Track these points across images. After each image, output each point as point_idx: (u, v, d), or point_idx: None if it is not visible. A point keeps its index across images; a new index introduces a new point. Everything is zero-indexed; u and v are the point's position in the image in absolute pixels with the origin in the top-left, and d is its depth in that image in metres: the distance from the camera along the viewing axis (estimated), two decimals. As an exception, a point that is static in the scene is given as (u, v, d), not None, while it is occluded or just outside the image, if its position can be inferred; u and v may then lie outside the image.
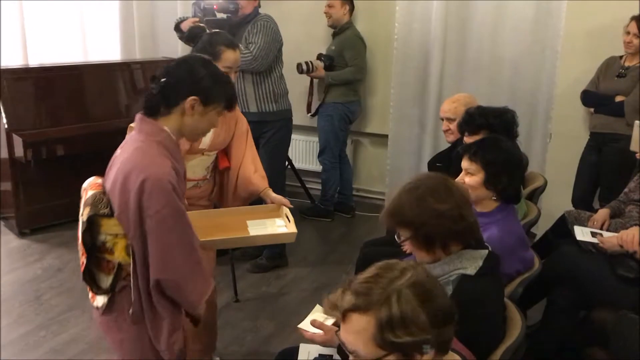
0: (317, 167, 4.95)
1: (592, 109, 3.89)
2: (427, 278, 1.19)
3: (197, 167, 2.44)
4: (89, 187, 1.78)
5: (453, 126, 3.20)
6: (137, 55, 5.20)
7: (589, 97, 3.84)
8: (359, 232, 4.44)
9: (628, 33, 3.61)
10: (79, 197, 1.80)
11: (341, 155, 4.73)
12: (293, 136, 4.05)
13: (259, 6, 3.64)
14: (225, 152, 2.54)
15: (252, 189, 2.48)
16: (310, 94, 4.64)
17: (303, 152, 5.21)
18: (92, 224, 1.69)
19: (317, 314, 1.93)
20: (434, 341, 1.14)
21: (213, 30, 2.86)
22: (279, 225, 2.31)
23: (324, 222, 4.67)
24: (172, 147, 1.75)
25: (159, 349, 1.79)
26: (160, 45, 5.25)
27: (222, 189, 2.61)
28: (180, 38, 3.54)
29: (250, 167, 2.50)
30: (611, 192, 3.45)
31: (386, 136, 4.76)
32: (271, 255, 3.85)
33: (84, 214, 1.69)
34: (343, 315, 1.16)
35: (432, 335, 1.13)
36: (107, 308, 1.74)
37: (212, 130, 2.02)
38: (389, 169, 4.79)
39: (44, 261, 3.91)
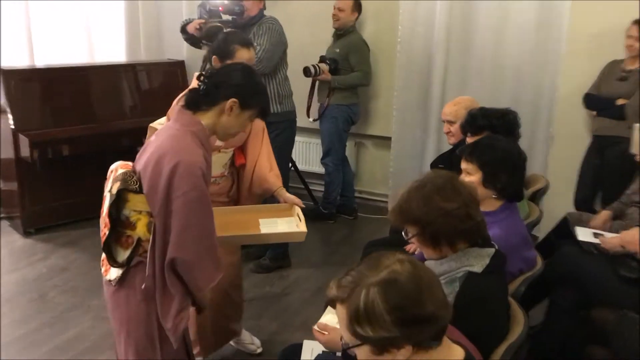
0: (318, 169, 4.98)
1: (594, 112, 3.91)
2: (407, 277, 1.19)
3: (215, 164, 2.47)
4: (118, 167, 1.91)
5: (454, 128, 3.23)
6: (143, 56, 5.24)
7: (591, 100, 3.87)
8: (361, 234, 4.46)
9: (630, 37, 3.64)
10: (83, 197, 1.87)
11: (343, 157, 4.75)
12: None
13: (264, 8, 3.68)
14: (241, 149, 2.60)
15: (267, 187, 2.54)
16: (310, 97, 4.66)
17: (304, 154, 5.23)
18: (119, 199, 1.80)
19: (329, 315, 1.96)
20: (406, 339, 1.17)
21: (229, 30, 2.90)
22: (290, 224, 2.37)
23: (327, 223, 4.69)
24: (205, 139, 1.90)
25: (166, 326, 1.87)
26: (165, 46, 5.28)
27: (237, 186, 2.66)
28: (186, 40, 3.58)
29: (266, 165, 2.57)
30: (613, 195, 3.46)
31: (389, 138, 4.79)
32: (274, 256, 3.87)
33: (112, 188, 1.80)
34: (331, 303, 1.24)
35: (400, 334, 1.16)
36: (120, 281, 1.85)
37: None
38: (392, 171, 4.82)
39: (48, 260, 3.93)
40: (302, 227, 2.32)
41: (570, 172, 4.00)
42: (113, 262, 1.84)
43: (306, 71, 4.33)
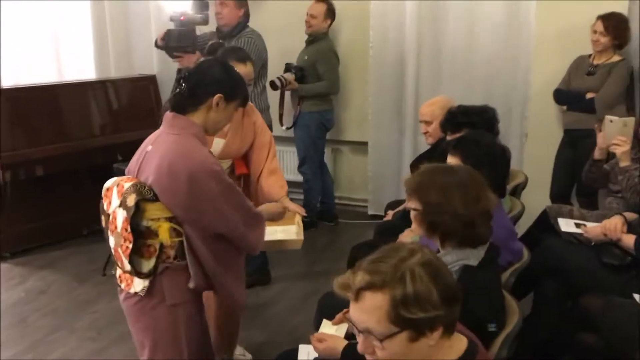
0: (296, 177, 4.96)
1: (564, 107, 4.00)
2: (434, 258, 1.23)
3: None
4: (118, 181, 1.94)
5: (431, 128, 3.27)
6: (112, 73, 5.18)
7: (561, 96, 3.95)
8: (343, 240, 4.46)
9: (595, 32, 3.73)
10: (59, 218, 1.86)
11: (321, 164, 4.76)
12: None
13: (246, 17, 3.64)
14: (243, 159, 2.69)
15: (270, 198, 2.61)
16: (281, 105, 4.64)
17: (280, 163, 5.18)
18: (136, 212, 1.84)
19: (327, 327, 1.97)
20: (444, 318, 1.18)
21: (230, 46, 2.93)
22: (288, 232, 2.46)
23: (309, 231, 4.66)
24: (203, 139, 1.99)
25: (233, 302, 2.10)
26: (135, 61, 5.22)
27: None
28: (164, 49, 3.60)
29: (270, 177, 2.65)
30: (587, 187, 3.55)
31: (366, 143, 4.81)
32: (250, 271, 3.74)
33: (127, 201, 1.83)
34: (356, 294, 1.19)
35: (443, 312, 1.17)
36: (148, 291, 1.90)
37: (223, 141, 2.30)
38: (370, 175, 4.85)
39: (26, 284, 3.84)
40: (299, 235, 2.42)
41: (545, 168, 4.07)
42: (139, 274, 1.88)
43: (272, 85, 4.28)
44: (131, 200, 1.82)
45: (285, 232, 2.44)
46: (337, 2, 4.48)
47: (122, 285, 1.97)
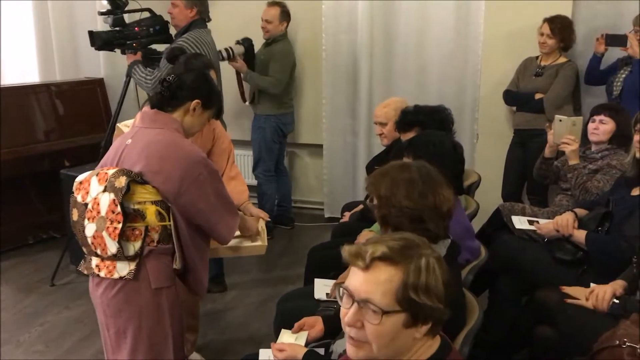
0: (251, 180, 4.90)
1: (514, 108, 4.10)
2: (442, 259, 1.26)
3: None
4: (97, 172, 1.97)
5: (386, 130, 3.29)
6: (58, 76, 5.00)
7: (510, 97, 4.05)
8: (300, 243, 4.43)
9: (542, 34, 3.83)
10: (2, 227, 1.80)
11: (279, 167, 4.70)
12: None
13: (201, 18, 3.56)
14: None
15: None
16: (240, 83, 4.51)
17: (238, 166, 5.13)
18: (126, 193, 1.89)
19: (286, 336, 1.95)
20: (438, 315, 1.20)
21: (192, 53, 2.89)
22: (253, 238, 2.51)
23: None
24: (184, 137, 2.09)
25: (200, 288, 2.16)
26: (82, 64, 5.06)
27: None
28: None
29: (230, 183, 2.63)
30: (538, 185, 3.65)
31: (321, 146, 4.80)
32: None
33: (117, 183, 1.89)
34: (369, 262, 1.19)
35: (441, 308, 1.19)
36: (135, 274, 1.94)
37: None
38: (326, 178, 4.84)
39: (-33, 298, 3.65)
40: (263, 241, 2.48)
41: (497, 168, 4.15)
42: (126, 257, 1.93)
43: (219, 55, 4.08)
44: (121, 182, 1.89)
45: (246, 239, 2.47)
46: (291, 3, 4.46)
47: (102, 274, 1.97)
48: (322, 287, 2.44)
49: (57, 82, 4.80)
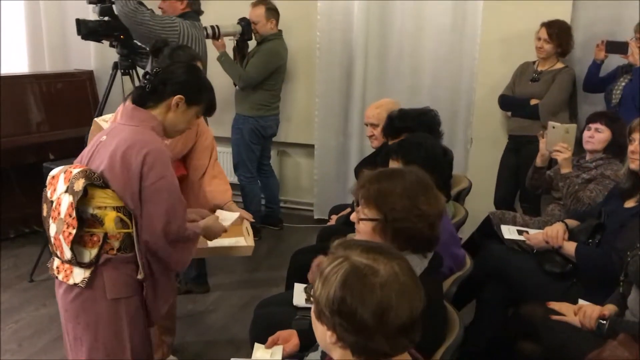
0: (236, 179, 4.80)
1: (509, 113, 4.02)
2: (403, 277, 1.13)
3: None
4: (66, 168, 1.87)
5: (377, 132, 3.20)
6: (47, 67, 4.91)
7: (506, 102, 3.97)
8: (287, 244, 4.34)
9: (539, 39, 3.75)
10: None
11: (264, 169, 4.59)
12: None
13: (193, 8, 3.46)
14: (182, 160, 2.60)
15: (216, 202, 2.55)
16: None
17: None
18: (83, 197, 1.79)
19: (260, 352, 1.87)
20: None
21: (175, 45, 2.77)
22: (237, 239, 2.43)
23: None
24: (161, 135, 1.97)
25: (156, 310, 1.99)
26: (72, 56, 4.97)
27: None
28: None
29: (213, 182, 2.58)
30: (530, 192, 3.57)
31: (312, 146, 4.72)
32: (185, 278, 3.54)
33: (75, 185, 1.78)
34: None
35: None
36: (89, 282, 1.84)
37: (166, 142, 2.13)
38: (317, 178, 4.76)
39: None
40: (249, 242, 2.39)
41: (490, 173, 4.08)
42: (80, 263, 1.82)
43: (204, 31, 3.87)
44: (79, 185, 1.78)
45: (233, 239, 2.39)
46: (285, 2, 4.36)
47: (60, 277, 1.89)
48: (301, 293, 2.36)
49: (45, 73, 4.72)
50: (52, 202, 1.86)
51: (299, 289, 2.39)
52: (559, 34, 3.70)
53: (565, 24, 3.75)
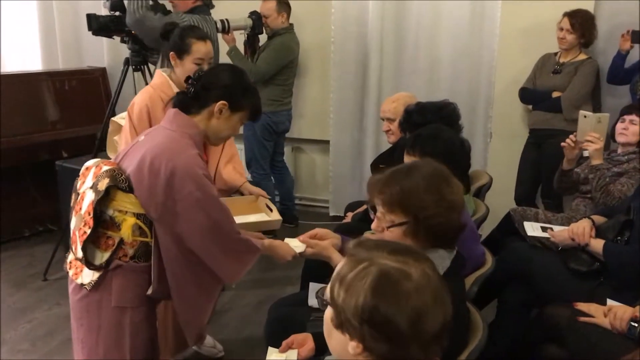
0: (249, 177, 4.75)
1: (530, 106, 3.90)
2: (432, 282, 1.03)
3: None
4: (98, 163, 1.85)
5: (393, 126, 3.12)
6: (60, 65, 4.89)
7: (526, 95, 3.85)
8: (303, 242, 4.27)
9: (561, 29, 3.63)
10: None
11: (277, 165, 4.53)
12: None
13: (203, 2, 3.40)
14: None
15: (231, 184, 2.59)
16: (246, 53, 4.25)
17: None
18: (104, 197, 1.74)
19: (274, 356, 1.80)
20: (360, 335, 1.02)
21: (187, 24, 2.78)
22: (262, 216, 2.46)
23: (267, 235, 4.45)
24: (199, 143, 1.88)
25: (190, 331, 1.92)
26: (84, 53, 4.95)
27: None
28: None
29: (229, 166, 2.60)
30: (552, 188, 3.45)
31: (327, 142, 4.64)
32: None
33: (99, 184, 1.74)
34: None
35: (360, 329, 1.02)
36: (95, 285, 1.79)
37: None
38: (332, 175, 4.68)
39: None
40: (275, 216, 2.40)
41: (510, 168, 3.97)
42: (89, 264, 1.77)
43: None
44: (102, 185, 1.74)
45: (258, 215, 2.43)
46: (298, -3, 4.30)
47: (71, 273, 1.85)
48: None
49: (58, 71, 4.70)
50: (78, 193, 1.84)
51: (314, 288, 2.33)
52: (582, 24, 3.57)
53: (589, 13, 3.62)
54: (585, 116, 2.86)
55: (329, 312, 1.08)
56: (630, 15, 3.72)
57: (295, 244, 2.21)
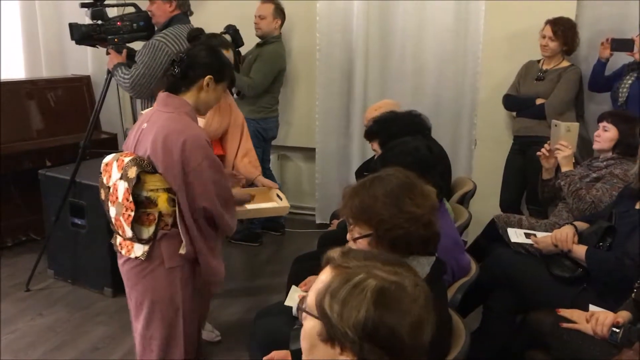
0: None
1: (514, 113, 3.93)
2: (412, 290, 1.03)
3: None
4: (117, 157, 2.11)
5: (377, 134, 3.12)
6: (44, 73, 4.84)
7: (510, 101, 3.88)
8: (289, 250, 4.26)
9: (544, 37, 3.67)
10: None
11: (264, 173, 4.50)
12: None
13: (182, 12, 3.37)
14: (219, 141, 2.82)
15: (247, 176, 2.80)
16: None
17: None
18: (137, 183, 2.02)
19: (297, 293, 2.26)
20: (356, 348, 1.00)
21: (211, 33, 2.92)
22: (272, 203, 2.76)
23: (254, 242, 4.44)
24: (195, 118, 2.18)
25: (212, 274, 2.25)
26: (68, 61, 4.90)
27: None
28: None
29: (245, 160, 2.84)
30: (537, 195, 3.47)
31: (313, 149, 4.64)
32: None
33: (129, 173, 2.01)
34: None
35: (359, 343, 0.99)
36: (148, 255, 2.10)
37: (202, 120, 2.39)
38: (318, 182, 4.68)
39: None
40: (283, 203, 2.72)
41: (495, 174, 3.99)
42: (140, 240, 2.08)
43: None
44: (132, 173, 2.00)
45: (269, 204, 2.76)
46: (284, 3, 4.30)
47: (123, 252, 2.15)
48: (296, 298, 2.29)
49: (42, 79, 4.65)
50: (108, 187, 2.10)
51: (295, 292, 2.33)
52: (564, 32, 3.61)
53: (571, 21, 3.66)
54: (555, 125, 2.95)
55: (311, 326, 1.05)
56: (611, 22, 3.77)
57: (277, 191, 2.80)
